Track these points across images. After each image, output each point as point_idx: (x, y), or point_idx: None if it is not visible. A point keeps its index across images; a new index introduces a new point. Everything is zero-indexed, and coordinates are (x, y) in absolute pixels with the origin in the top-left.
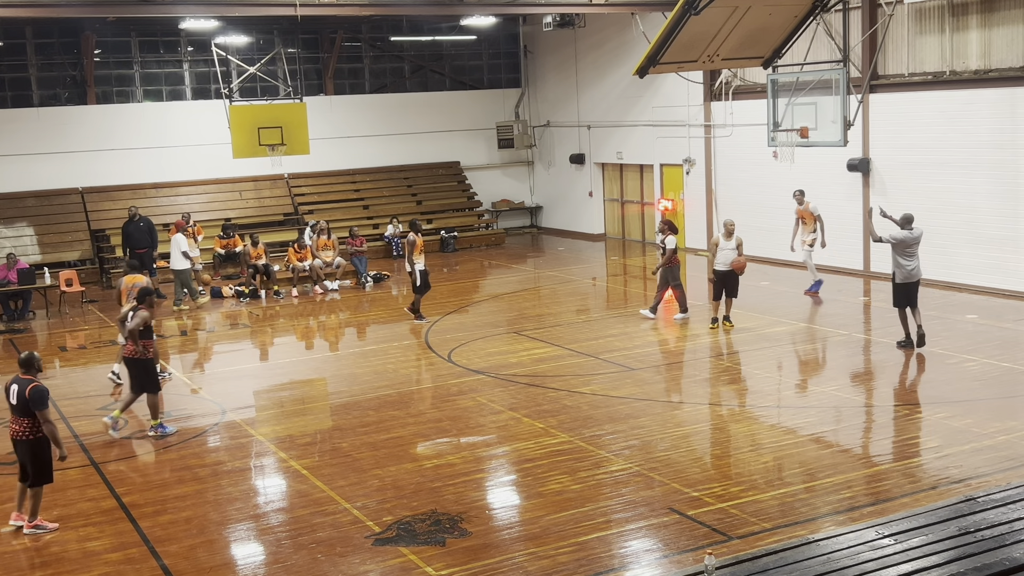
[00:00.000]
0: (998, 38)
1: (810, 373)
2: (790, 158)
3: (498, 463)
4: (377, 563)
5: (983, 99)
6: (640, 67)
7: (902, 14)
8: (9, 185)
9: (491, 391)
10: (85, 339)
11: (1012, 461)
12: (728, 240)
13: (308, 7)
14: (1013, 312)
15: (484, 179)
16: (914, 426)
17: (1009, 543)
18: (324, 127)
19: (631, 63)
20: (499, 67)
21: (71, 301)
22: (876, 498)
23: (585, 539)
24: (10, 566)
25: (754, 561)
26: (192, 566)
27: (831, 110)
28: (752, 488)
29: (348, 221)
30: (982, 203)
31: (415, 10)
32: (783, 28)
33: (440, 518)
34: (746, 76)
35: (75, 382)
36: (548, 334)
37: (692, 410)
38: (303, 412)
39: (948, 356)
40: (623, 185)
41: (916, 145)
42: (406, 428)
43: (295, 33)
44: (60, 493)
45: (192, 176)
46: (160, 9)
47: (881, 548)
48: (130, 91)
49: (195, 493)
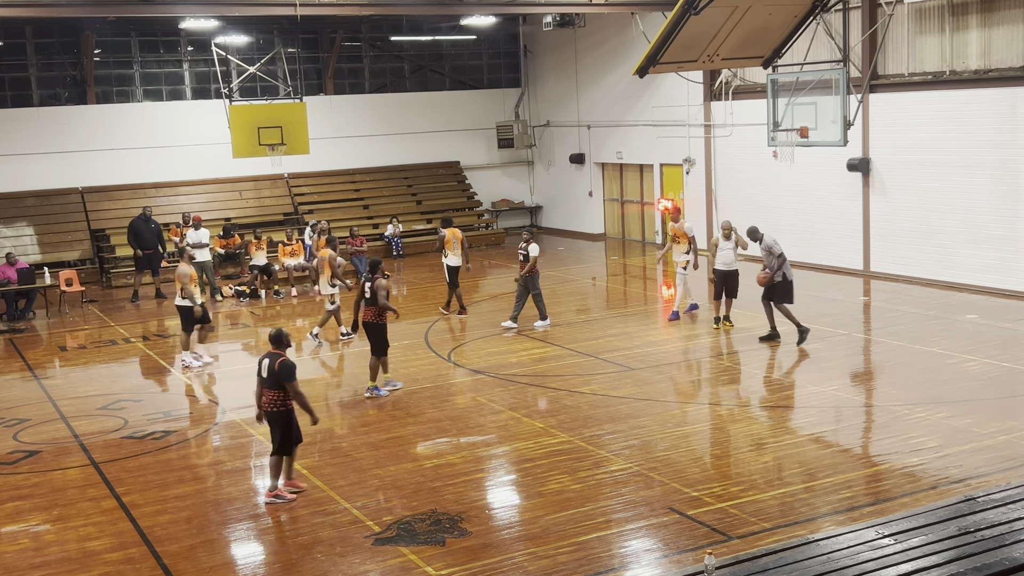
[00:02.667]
0: (998, 38)
1: (810, 373)
2: (790, 158)
3: (498, 463)
4: (377, 563)
5: (983, 99)
6: (640, 67)
7: (902, 14)
8: (9, 185)
9: (491, 391)
10: (85, 339)
11: (1012, 461)
12: (727, 240)
13: (308, 7)
14: (1013, 312)
15: (484, 179)
16: (914, 426)
17: (1009, 543)
18: (324, 127)
19: (631, 63)
20: (499, 67)
21: (71, 301)
22: (876, 498)
23: (585, 539)
24: (10, 566)
25: (754, 561)
26: (192, 566)
27: (831, 110)
28: (752, 488)
29: (348, 221)
30: (982, 203)
31: (415, 10)
32: (783, 28)
33: (440, 518)
34: (746, 76)
35: (75, 382)
36: (548, 334)
37: (692, 410)
38: (303, 412)
39: (948, 356)
40: (623, 185)
41: (916, 145)
42: (406, 428)
43: (295, 33)
44: (60, 493)
45: (192, 176)
46: (160, 9)
47: (881, 548)
48: (130, 91)
49: (195, 493)
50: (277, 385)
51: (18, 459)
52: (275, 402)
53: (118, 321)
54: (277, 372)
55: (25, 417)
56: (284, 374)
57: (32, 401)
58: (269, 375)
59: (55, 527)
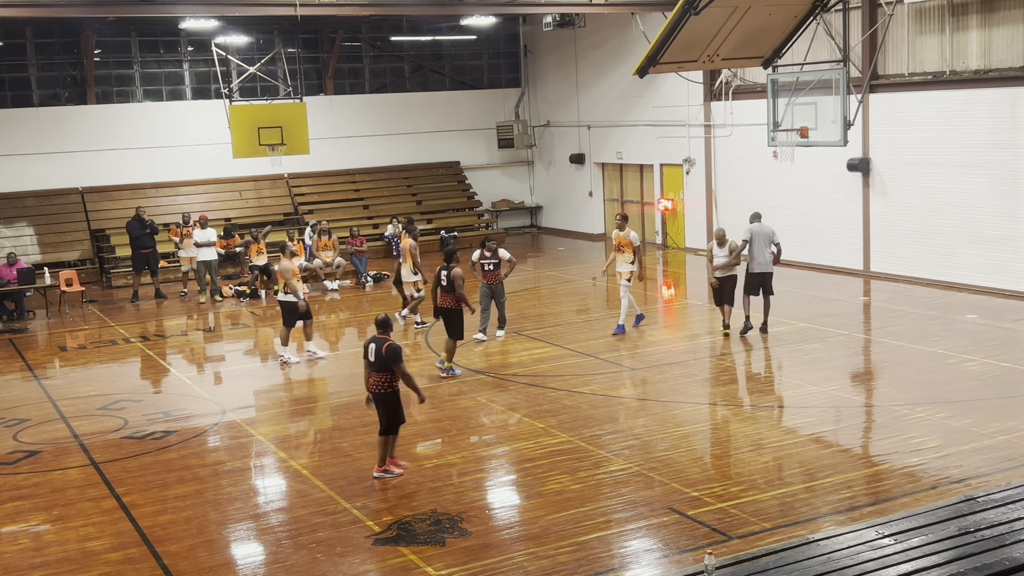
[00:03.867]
0: (998, 38)
1: (810, 373)
2: (790, 158)
3: (498, 463)
4: (377, 563)
5: (983, 99)
6: (640, 67)
7: (902, 14)
8: (9, 185)
9: (491, 391)
10: (85, 339)
11: (1012, 461)
12: (721, 248)
13: (308, 7)
14: (1013, 312)
15: (484, 179)
16: (914, 426)
17: (1009, 543)
18: (324, 127)
19: (631, 63)
20: (499, 67)
21: (71, 301)
22: (876, 498)
23: (585, 539)
24: (10, 566)
25: (754, 561)
26: (192, 566)
27: (831, 110)
28: (752, 488)
29: (348, 221)
30: (982, 203)
31: (415, 10)
32: (783, 28)
33: (440, 518)
34: (746, 76)
35: (75, 382)
36: (548, 334)
37: (692, 410)
38: (303, 412)
39: (948, 356)
40: (623, 185)
41: (916, 145)
42: (406, 428)
43: (295, 33)
44: (60, 493)
45: (192, 176)
46: (160, 9)
47: (881, 548)
48: (130, 91)
49: (195, 493)
50: (384, 368)
51: (18, 459)
52: (382, 384)
53: (118, 321)
54: (384, 355)
55: (25, 417)
56: (391, 357)
57: (32, 401)
58: (376, 358)
59: (55, 527)
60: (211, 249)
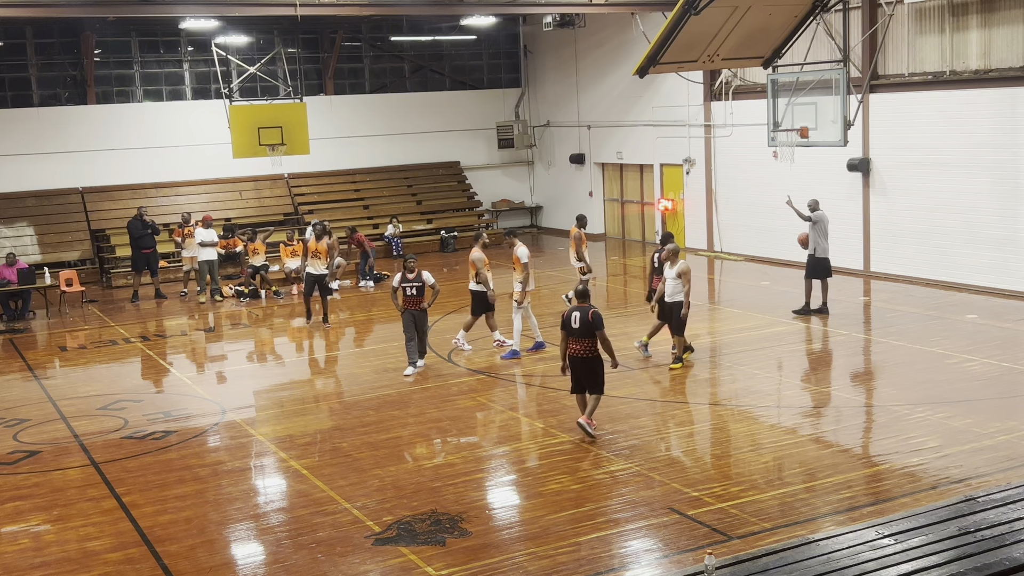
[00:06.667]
0: (998, 38)
1: (810, 373)
2: (790, 158)
3: (498, 463)
4: (377, 563)
5: (983, 99)
6: (640, 67)
7: (902, 14)
8: (9, 185)
9: (491, 391)
10: (85, 339)
11: (1012, 461)
12: (672, 268)
13: (308, 7)
14: (1013, 312)
15: (484, 179)
16: (914, 426)
17: (1009, 543)
18: (324, 127)
19: (631, 63)
20: (499, 67)
21: (71, 301)
22: (876, 498)
23: (585, 539)
24: (10, 566)
25: (754, 561)
26: (192, 566)
27: (831, 110)
28: (752, 488)
29: (348, 221)
30: (982, 203)
31: (415, 10)
32: (783, 28)
33: (440, 518)
34: (746, 76)
35: (75, 382)
36: (548, 334)
37: (692, 410)
38: (303, 412)
39: (948, 356)
40: (623, 185)
41: (916, 145)
42: (406, 428)
43: (295, 33)
44: (60, 493)
45: (192, 176)
46: (160, 9)
47: (881, 548)
48: (130, 91)
49: (195, 493)
50: (588, 333)
51: (18, 459)
52: (587, 349)
53: (118, 321)
54: (591, 321)
55: (25, 417)
56: (596, 322)
57: (32, 401)
58: (582, 325)
59: (55, 527)
60: (213, 249)
